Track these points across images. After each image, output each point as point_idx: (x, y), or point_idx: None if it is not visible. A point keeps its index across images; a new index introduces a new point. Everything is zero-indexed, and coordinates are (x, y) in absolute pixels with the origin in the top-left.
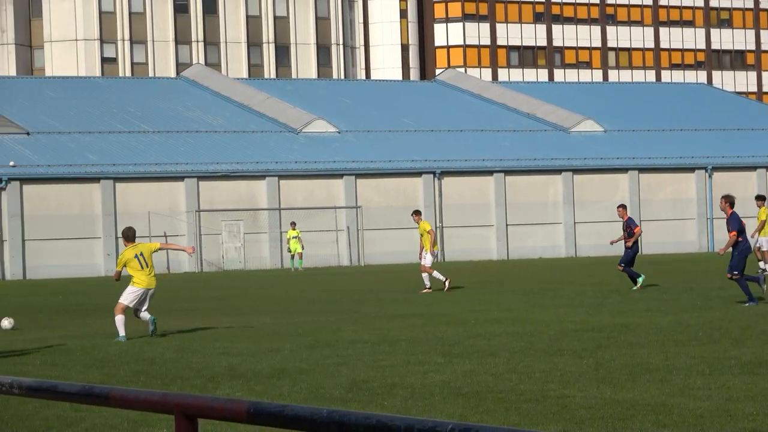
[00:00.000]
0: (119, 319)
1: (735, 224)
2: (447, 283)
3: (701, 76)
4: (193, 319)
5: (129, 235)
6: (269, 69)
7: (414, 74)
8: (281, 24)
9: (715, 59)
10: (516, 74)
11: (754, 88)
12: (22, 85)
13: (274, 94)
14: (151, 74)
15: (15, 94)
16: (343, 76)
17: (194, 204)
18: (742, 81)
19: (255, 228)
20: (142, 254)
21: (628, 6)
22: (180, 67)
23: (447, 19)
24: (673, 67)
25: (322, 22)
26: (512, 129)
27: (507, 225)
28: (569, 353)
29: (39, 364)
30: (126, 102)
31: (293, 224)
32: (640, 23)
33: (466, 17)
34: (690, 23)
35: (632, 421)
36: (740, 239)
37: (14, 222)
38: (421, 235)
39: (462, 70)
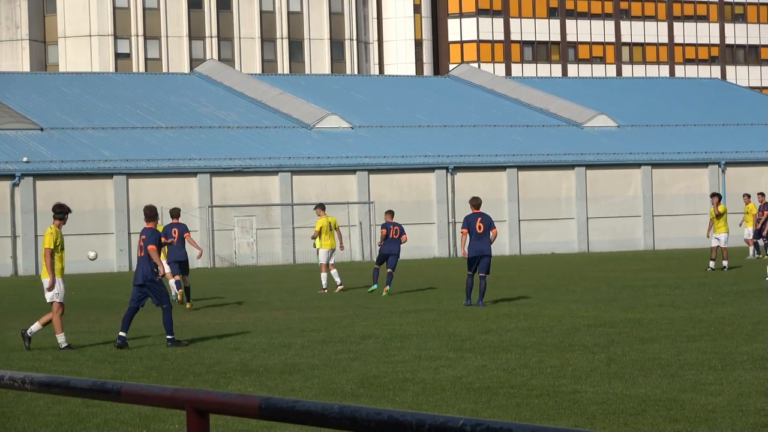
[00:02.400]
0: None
1: None
2: (324, 291)
3: (715, 71)
4: (205, 314)
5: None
6: (283, 64)
7: (427, 69)
8: (295, 19)
9: (729, 54)
10: (529, 69)
11: None
12: (35, 80)
13: (287, 89)
14: (164, 70)
15: (29, 89)
16: (356, 72)
17: (207, 199)
18: (756, 76)
19: (267, 223)
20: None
21: (642, 1)
22: (193, 62)
23: (460, 14)
24: (687, 62)
25: (335, 18)
26: (525, 124)
27: (519, 220)
28: (581, 349)
29: (51, 360)
30: (139, 98)
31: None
32: (654, 18)
33: (479, 12)
34: (704, 18)
35: (644, 417)
36: None
37: (27, 217)
38: (337, 229)
39: (475, 65)
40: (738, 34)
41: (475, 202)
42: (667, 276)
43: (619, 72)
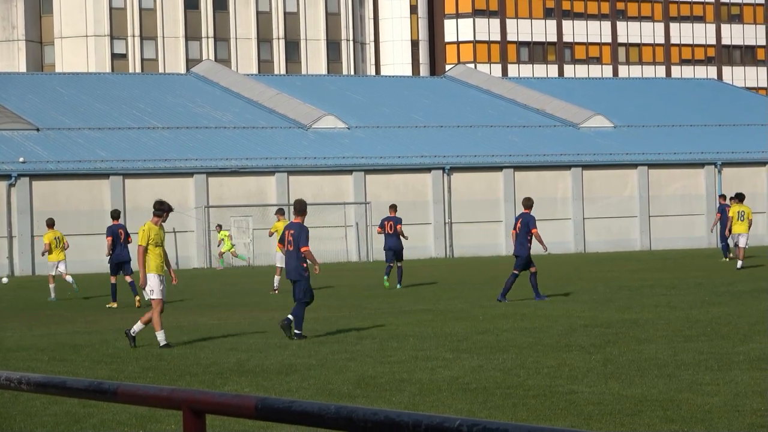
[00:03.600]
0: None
1: None
2: (276, 290)
3: (711, 71)
4: (202, 314)
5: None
6: (279, 65)
7: (424, 70)
8: (291, 20)
9: (725, 55)
10: (526, 70)
11: (764, 84)
12: (32, 81)
13: (283, 90)
14: (161, 70)
15: (25, 90)
16: (352, 72)
17: (203, 200)
18: (753, 76)
19: (264, 224)
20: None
21: (639, 1)
22: (190, 63)
23: (457, 15)
24: (683, 62)
25: (332, 18)
26: (522, 124)
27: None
28: (577, 349)
29: (48, 360)
30: (136, 98)
31: (219, 226)
32: (650, 19)
33: (476, 13)
34: (700, 19)
35: (640, 417)
36: None
37: (23, 218)
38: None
39: (472, 65)
40: (734, 34)
41: (527, 203)
42: (663, 276)
43: (615, 72)
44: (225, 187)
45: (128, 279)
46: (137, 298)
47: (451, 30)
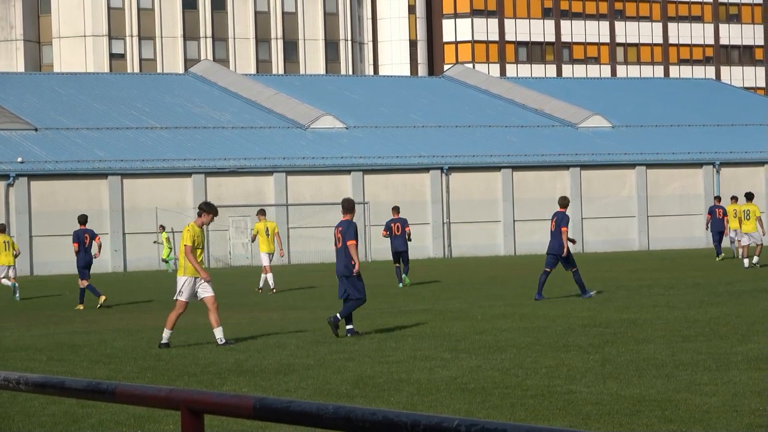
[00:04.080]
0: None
1: None
2: (259, 291)
3: (709, 71)
4: (200, 315)
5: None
6: (277, 65)
7: (422, 70)
8: (289, 20)
9: (723, 54)
10: (524, 70)
11: (762, 84)
12: (30, 81)
13: (282, 90)
14: (159, 70)
15: (23, 90)
16: (351, 72)
17: (202, 200)
18: (751, 76)
19: None
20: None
21: (637, 1)
22: (188, 63)
23: (455, 15)
24: (682, 62)
25: (330, 18)
26: (520, 124)
27: (514, 220)
28: (576, 349)
29: (46, 360)
30: (134, 98)
31: (162, 227)
32: (648, 19)
33: (474, 13)
34: (698, 18)
35: (639, 417)
36: None
37: (22, 218)
38: (276, 234)
39: (470, 65)
40: (732, 34)
41: (562, 202)
42: (661, 276)
43: (613, 72)
44: (223, 187)
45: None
46: (102, 298)
47: (449, 30)
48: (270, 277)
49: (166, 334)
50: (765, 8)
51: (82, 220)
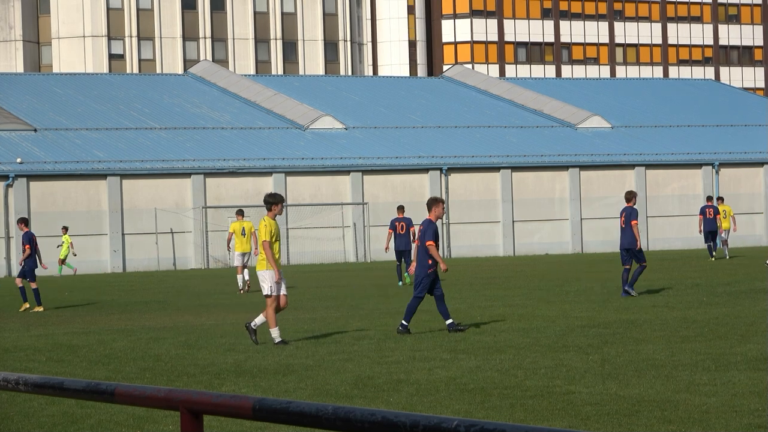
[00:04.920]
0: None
1: None
2: (240, 293)
3: (709, 71)
4: (199, 315)
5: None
6: (276, 65)
7: (421, 70)
8: (289, 20)
9: (722, 55)
10: (523, 70)
11: (761, 84)
12: (29, 81)
13: (281, 90)
14: (158, 71)
15: (22, 90)
16: (350, 73)
17: (201, 200)
18: (750, 77)
19: None
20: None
21: (636, 2)
22: (187, 63)
23: (454, 15)
24: (681, 63)
25: (329, 19)
26: (519, 125)
27: (513, 221)
28: (575, 349)
29: (45, 361)
30: (133, 98)
31: (65, 229)
32: (647, 19)
33: (473, 13)
34: (698, 19)
35: (638, 417)
36: None
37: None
38: (253, 234)
39: (469, 66)
40: (731, 35)
41: (628, 196)
42: (660, 277)
43: (612, 73)
44: (222, 188)
45: (19, 283)
46: (26, 305)
47: (448, 30)
48: (240, 277)
49: (275, 333)
50: (764, 8)
51: (26, 222)
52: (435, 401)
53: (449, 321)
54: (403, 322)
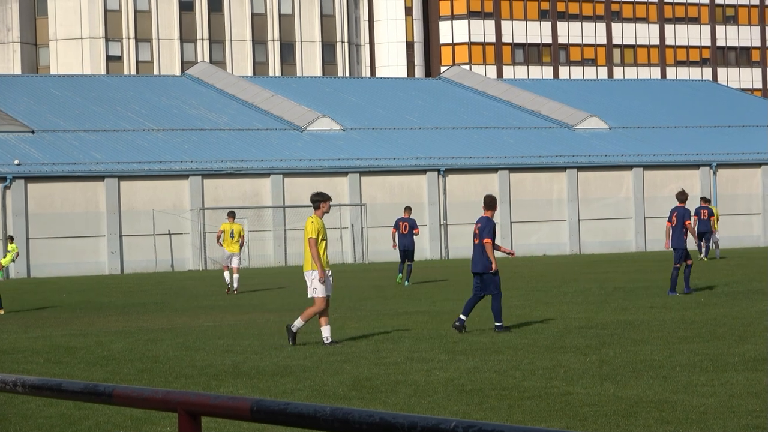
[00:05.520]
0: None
1: None
2: (227, 292)
3: (706, 72)
4: (197, 316)
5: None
6: (274, 67)
7: (419, 72)
8: (286, 22)
9: (720, 56)
10: (521, 71)
11: (759, 85)
12: (26, 83)
13: (278, 91)
14: (156, 72)
15: (20, 92)
16: (348, 74)
17: (198, 202)
18: (747, 78)
19: (259, 226)
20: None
21: (634, 3)
22: (185, 65)
23: (452, 17)
24: (679, 64)
25: (327, 20)
26: (517, 126)
27: (511, 222)
28: (573, 350)
29: (43, 362)
30: (131, 100)
31: (11, 239)
32: (645, 20)
33: (471, 14)
34: (695, 20)
35: (636, 418)
36: None
37: (19, 220)
38: (241, 237)
39: (467, 67)
40: (729, 36)
41: (680, 197)
42: (658, 278)
43: (610, 74)
44: (220, 189)
45: None
46: None
47: (446, 31)
48: (227, 275)
49: (326, 332)
50: (762, 9)
51: None
52: (433, 402)
53: (498, 324)
54: (461, 317)
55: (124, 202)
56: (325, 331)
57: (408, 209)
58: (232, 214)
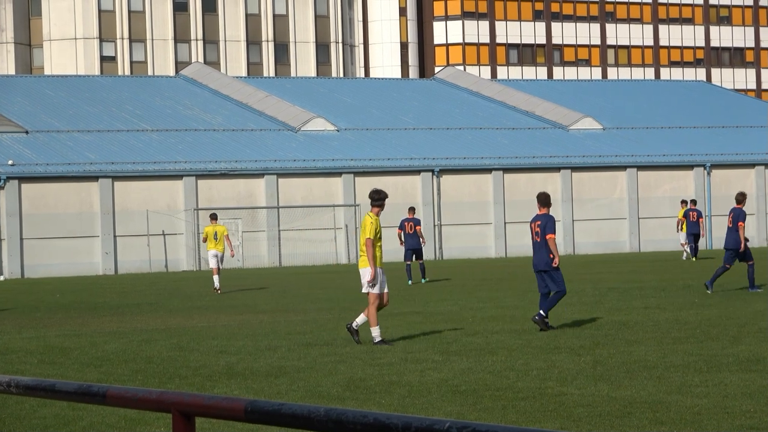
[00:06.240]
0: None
1: None
2: (219, 292)
3: (700, 73)
4: (191, 317)
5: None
6: (268, 67)
7: (413, 72)
8: (280, 22)
9: (714, 56)
10: (515, 72)
11: (753, 86)
12: (21, 83)
13: (273, 92)
14: (150, 73)
15: (14, 92)
16: (342, 75)
17: (193, 202)
18: (741, 78)
19: (253, 226)
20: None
21: (628, 3)
22: (179, 65)
23: (446, 17)
24: (673, 64)
25: (321, 21)
26: (511, 127)
27: (505, 223)
28: (567, 351)
29: (37, 363)
30: (125, 100)
31: None
32: (639, 21)
33: (465, 15)
34: (689, 21)
35: (630, 419)
36: None
37: (12, 221)
38: (226, 237)
39: (461, 67)
40: (723, 36)
41: (739, 198)
42: (652, 278)
43: (604, 74)
44: (214, 190)
45: None
46: None
47: (440, 32)
48: (216, 278)
49: (375, 332)
50: (755, 10)
51: None
52: (427, 403)
53: (545, 318)
54: (541, 312)
55: (118, 202)
56: (375, 331)
57: (412, 209)
58: (214, 216)
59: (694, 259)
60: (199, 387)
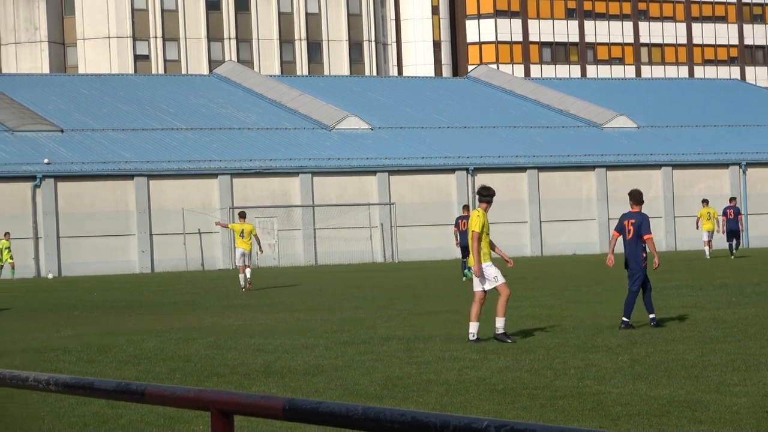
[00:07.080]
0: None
1: None
2: (244, 290)
3: (734, 71)
4: (228, 316)
5: None
6: (301, 66)
7: (446, 71)
8: (313, 21)
9: (748, 55)
10: (548, 70)
11: None
12: (55, 82)
13: (306, 91)
14: (183, 71)
15: (48, 91)
16: (375, 73)
17: (228, 201)
18: None
19: (289, 225)
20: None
21: (661, 2)
22: (212, 64)
23: (479, 16)
24: (706, 62)
25: (354, 19)
26: (545, 125)
27: (541, 221)
28: (604, 349)
29: (75, 361)
30: (159, 99)
31: (7, 234)
32: (672, 19)
33: (497, 13)
34: (723, 19)
35: (668, 418)
36: None
37: (49, 219)
38: (255, 236)
39: (494, 66)
40: (757, 34)
41: None
42: (689, 277)
43: (638, 73)
44: (249, 188)
45: None
46: None
47: (473, 30)
48: (242, 277)
49: (473, 328)
50: None
51: None
52: (465, 401)
53: (652, 315)
54: (624, 319)
55: (153, 200)
56: (472, 327)
57: (466, 207)
58: (242, 215)
59: (732, 257)
60: (236, 385)
